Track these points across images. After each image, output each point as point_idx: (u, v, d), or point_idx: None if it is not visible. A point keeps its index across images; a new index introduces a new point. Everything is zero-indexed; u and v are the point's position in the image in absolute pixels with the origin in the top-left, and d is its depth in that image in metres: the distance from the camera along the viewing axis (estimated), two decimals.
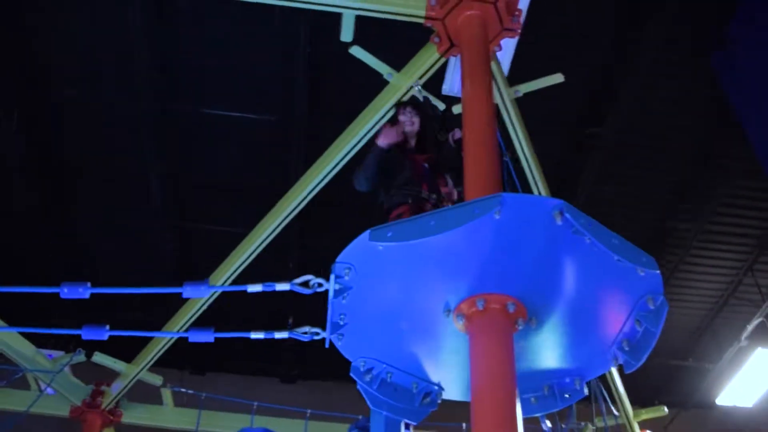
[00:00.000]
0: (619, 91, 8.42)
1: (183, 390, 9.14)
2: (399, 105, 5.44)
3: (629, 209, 9.94)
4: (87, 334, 3.40)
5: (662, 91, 8.58)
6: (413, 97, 5.63)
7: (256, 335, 3.48)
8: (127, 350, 8.51)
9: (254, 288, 3.26)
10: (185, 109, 8.71)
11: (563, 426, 7.76)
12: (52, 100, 8.73)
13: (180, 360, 11.57)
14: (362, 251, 3.13)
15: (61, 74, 8.54)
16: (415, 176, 4.91)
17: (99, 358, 8.52)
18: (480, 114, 4.38)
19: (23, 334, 7.87)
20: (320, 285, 3.25)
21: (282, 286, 3.25)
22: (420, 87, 5.59)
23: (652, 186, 9.66)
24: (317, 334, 3.42)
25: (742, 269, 10.79)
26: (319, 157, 6.39)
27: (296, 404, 9.49)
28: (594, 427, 9.36)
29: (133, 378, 8.61)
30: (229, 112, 8.75)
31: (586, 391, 3.78)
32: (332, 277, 3.21)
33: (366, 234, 3.07)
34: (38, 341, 8.85)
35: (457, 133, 4.99)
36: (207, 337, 3.48)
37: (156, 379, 8.99)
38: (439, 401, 3.87)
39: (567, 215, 2.91)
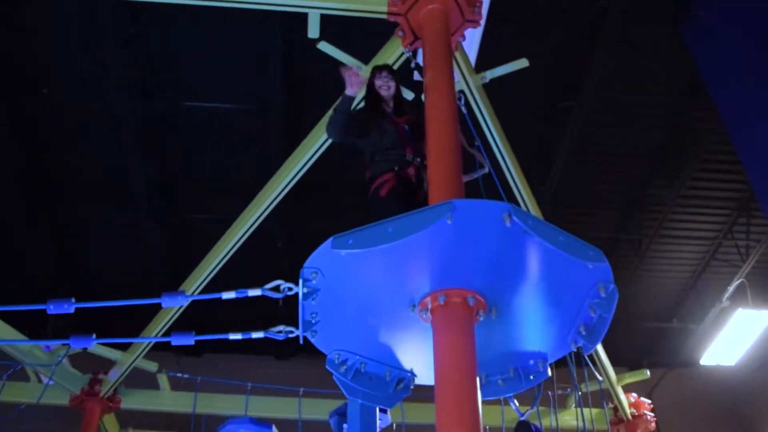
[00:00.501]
0: (589, 64, 8.54)
1: (179, 375, 9.37)
2: (375, 69, 5.37)
3: (607, 177, 10.10)
4: (75, 343, 3.59)
5: (632, 60, 8.69)
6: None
7: (234, 336, 3.69)
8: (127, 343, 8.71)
9: (228, 295, 3.45)
10: (165, 102, 8.83)
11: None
12: (37, 102, 8.82)
13: (175, 347, 11.79)
14: (327, 256, 3.33)
15: (46, 77, 8.63)
16: (399, 139, 4.96)
17: (95, 347, 8.71)
18: (441, 104, 4.55)
19: (19, 328, 8.02)
20: (290, 289, 3.45)
21: (254, 292, 3.44)
22: (411, 54, 5.57)
23: (628, 154, 9.81)
24: (291, 332, 3.63)
25: (722, 232, 10.98)
26: (299, 142, 6.54)
27: (292, 380, 9.71)
28: (579, 393, 9.66)
29: (129, 366, 8.82)
30: (209, 104, 8.88)
31: (549, 372, 3.99)
32: (300, 281, 3.41)
33: (329, 241, 3.25)
34: (36, 334, 9.08)
35: None
36: (188, 340, 3.69)
37: (151, 366, 9.21)
38: (412, 386, 4.09)
39: (515, 218, 3.08)
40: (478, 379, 3.85)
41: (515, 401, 4.46)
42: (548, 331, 3.77)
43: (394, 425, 8.87)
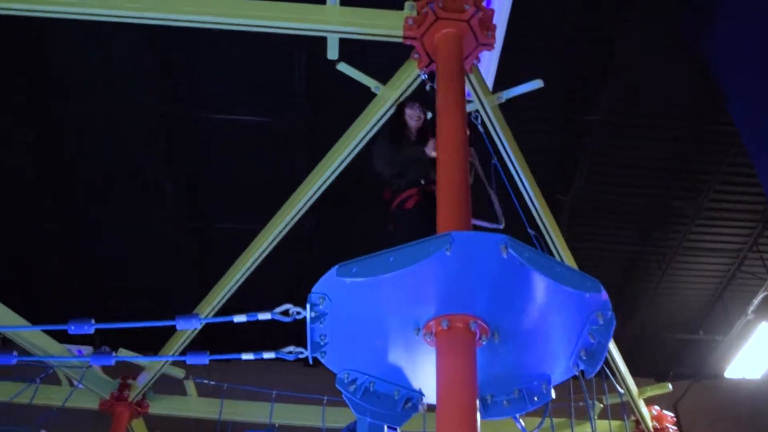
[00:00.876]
0: (609, 75, 8.58)
1: (205, 381, 9.57)
2: (408, 100, 5.70)
3: (629, 189, 10.10)
4: (96, 360, 3.79)
5: (652, 70, 8.70)
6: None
7: (246, 356, 3.87)
8: (151, 344, 8.90)
9: (239, 318, 3.61)
10: (190, 114, 9.05)
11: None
12: (69, 111, 9.09)
13: (204, 348, 11.95)
14: (333, 283, 3.47)
15: (73, 86, 8.88)
16: (423, 158, 5.24)
17: (124, 353, 8.94)
18: (452, 125, 4.65)
19: (50, 334, 8.23)
20: (299, 313, 3.60)
21: (264, 316, 3.60)
22: (426, 77, 5.65)
23: (651, 166, 9.80)
24: (301, 353, 3.79)
25: (747, 244, 10.92)
26: (323, 153, 6.67)
27: (319, 387, 9.84)
28: (601, 405, 9.71)
29: (158, 372, 9.03)
30: (234, 116, 9.08)
31: (553, 394, 4.08)
32: (308, 306, 3.56)
33: (334, 270, 3.40)
34: (64, 335, 9.32)
35: None
36: (202, 359, 3.87)
37: (179, 372, 9.42)
38: (421, 406, 4.21)
39: (511, 250, 3.19)
40: (483, 400, 4.05)
41: (521, 421, 4.55)
42: (550, 354, 3.86)
43: None
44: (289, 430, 9.50)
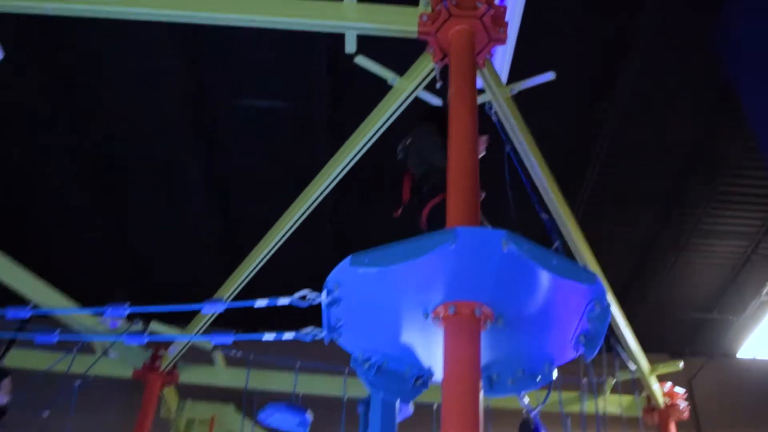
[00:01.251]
0: (624, 66, 8.70)
1: (231, 352, 10.00)
2: None
3: (644, 173, 10.21)
4: (129, 340, 4.15)
5: (666, 60, 8.78)
6: None
7: (267, 337, 4.21)
8: (182, 317, 9.27)
9: (261, 303, 3.94)
10: (216, 101, 9.32)
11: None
12: (96, 102, 9.41)
13: (232, 321, 12.39)
14: (347, 272, 3.78)
15: (102, 78, 9.19)
16: None
17: (155, 326, 9.37)
18: (462, 119, 4.88)
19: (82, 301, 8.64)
20: (315, 299, 3.92)
21: (283, 301, 3.93)
22: (439, 72, 5.82)
23: (666, 150, 9.91)
24: (318, 334, 4.13)
25: (763, 228, 11.02)
26: (344, 139, 6.95)
27: (344, 359, 10.21)
28: (614, 380, 10.00)
29: (188, 343, 9.46)
30: (259, 102, 9.34)
31: (555, 374, 4.37)
32: (324, 292, 3.88)
33: (348, 259, 3.70)
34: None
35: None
36: (226, 339, 4.21)
37: (207, 344, 9.86)
38: (430, 382, 4.53)
39: (511, 245, 3.48)
40: (489, 379, 4.36)
41: (526, 399, 4.85)
42: (552, 338, 4.14)
43: (435, 405, 9.34)
44: (311, 399, 9.88)
